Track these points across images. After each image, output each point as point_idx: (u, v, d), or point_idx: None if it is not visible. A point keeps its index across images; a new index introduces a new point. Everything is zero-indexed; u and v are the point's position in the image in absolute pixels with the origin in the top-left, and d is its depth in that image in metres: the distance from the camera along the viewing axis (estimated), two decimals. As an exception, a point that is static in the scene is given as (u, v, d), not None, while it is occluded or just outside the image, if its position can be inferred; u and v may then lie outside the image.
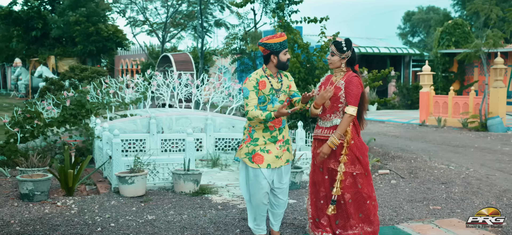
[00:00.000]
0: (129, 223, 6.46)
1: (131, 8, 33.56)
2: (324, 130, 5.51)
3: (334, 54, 5.52)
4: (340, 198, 5.44)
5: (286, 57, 5.58)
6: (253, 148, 5.57)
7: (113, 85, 14.08)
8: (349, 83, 5.42)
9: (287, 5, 12.61)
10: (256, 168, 5.54)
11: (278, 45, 5.53)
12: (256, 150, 5.55)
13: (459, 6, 52.90)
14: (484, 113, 17.97)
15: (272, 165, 5.53)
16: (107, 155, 8.86)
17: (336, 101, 5.42)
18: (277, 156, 5.56)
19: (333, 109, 5.46)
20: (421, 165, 10.53)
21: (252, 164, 5.55)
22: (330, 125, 5.47)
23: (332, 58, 5.53)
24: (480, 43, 18.94)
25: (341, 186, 5.40)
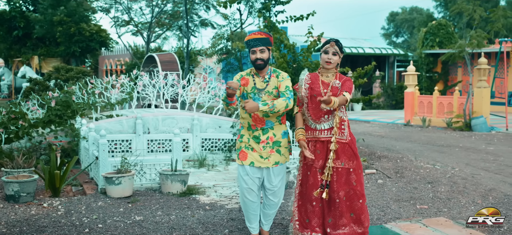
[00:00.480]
0: (117, 224, 6.43)
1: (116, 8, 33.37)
2: (324, 131, 5.52)
3: (336, 54, 5.52)
4: (334, 195, 5.47)
5: (254, 56, 5.49)
6: (239, 145, 5.64)
7: (98, 85, 14.00)
8: (346, 81, 5.57)
9: (273, 5, 12.60)
10: (240, 164, 5.57)
11: (245, 43, 5.59)
12: (242, 147, 5.60)
13: (442, 7, 53.27)
14: (468, 113, 18.10)
15: (255, 163, 5.52)
16: (94, 156, 8.80)
17: None
18: (262, 156, 5.53)
19: (332, 110, 5.50)
20: (407, 164, 10.59)
21: (238, 160, 5.61)
22: (330, 126, 5.51)
23: (334, 58, 5.53)
24: (464, 43, 19.07)
25: (337, 184, 5.44)
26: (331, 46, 5.53)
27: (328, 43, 5.55)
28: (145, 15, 34.01)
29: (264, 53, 5.49)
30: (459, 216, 6.90)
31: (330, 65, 5.54)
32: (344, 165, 5.50)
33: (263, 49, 5.48)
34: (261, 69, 5.54)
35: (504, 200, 7.73)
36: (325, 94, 5.50)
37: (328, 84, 5.56)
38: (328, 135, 5.51)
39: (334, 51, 5.52)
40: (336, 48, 5.52)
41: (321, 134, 5.54)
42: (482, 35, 18.79)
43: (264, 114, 5.48)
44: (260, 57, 5.48)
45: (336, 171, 5.50)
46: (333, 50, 5.53)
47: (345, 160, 5.52)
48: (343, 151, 5.53)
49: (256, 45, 5.47)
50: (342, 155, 5.52)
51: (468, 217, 6.78)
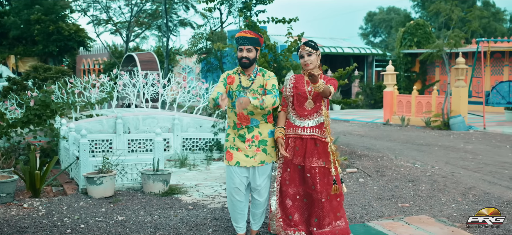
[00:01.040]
0: (99, 224, 6.38)
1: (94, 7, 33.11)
2: (307, 129, 5.54)
3: (311, 54, 5.55)
4: (319, 196, 5.49)
5: (241, 54, 5.52)
6: (226, 145, 5.66)
7: (78, 85, 13.89)
8: (329, 78, 5.63)
9: (254, 5, 12.58)
10: (227, 164, 5.58)
11: (235, 40, 5.63)
12: (227, 147, 5.61)
13: (419, 7, 53.74)
14: (446, 113, 18.28)
15: (241, 163, 5.53)
16: (74, 156, 8.73)
17: (319, 100, 5.57)
18: (247, 155, 5.54)
19: (317, 108, 5.57)
20: (387, 163, 10.65)
21: (225, 160, 5.63)
22: (315, 124, 5.55)
23: (310, 58, 5.56)
24: (442, 43, 19.25)
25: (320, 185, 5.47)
26: (302, 49, 5.59)
27: (299, 48, 5.61)
28: (124, 14, 33.84)
29: (250, 53, 5.51)
30: (440, 214, 6.96)
31: (309, 66, 5.58)
32: (326, 164, 5.53)
33: (251, 48, 5.50)
34: (246, 67, 5.56)
35: (484, 198, 7.82)
36: (309, 93, 5.54)
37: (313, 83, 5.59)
38: (311, 132, 5.53)
39: (308, 53, 5.56)
40: (308, 49, 5.56)
41: (304, 131, 5.55)
42: (460, 35, 18.99)
43: (249, 113, 5.48)
44: (246, 56, 5.50)
45: (319, 171, 5.52)
46: (306, 52, 5.57)
47: (326, 160, 5.54)
48: (324, 150, 5.56)
49: (244, 44, 5.49)
50: (322, 154, 5.54)
51: (449, 215, 6.87)
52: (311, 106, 5.57)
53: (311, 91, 5.56)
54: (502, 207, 7.29)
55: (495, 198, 7.77)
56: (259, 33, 5.70)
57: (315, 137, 5.53)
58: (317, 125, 5.56)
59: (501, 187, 8.57)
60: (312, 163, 5.50)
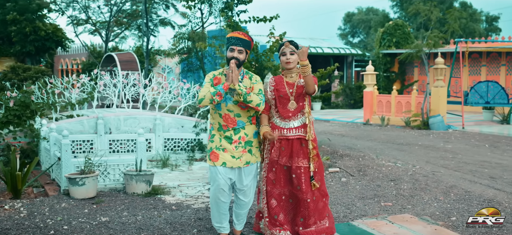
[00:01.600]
0: (83, 225, 6.33)
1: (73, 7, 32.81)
2: (293, 130, 5.56)
3: (293, 53, 5.58)
4: (304, 196, 5.50)
5: (231, 54, 5.48)
6: (210, 146, 5.62)
7: (58, 85, 13.76)
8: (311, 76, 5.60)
9: (236, 5, 12.60)
10: (212, 165, 5.54)
11: (226, 40, 5.58)
12: (213, 148, 5.57)
13: (398, 7, 54.14)
14: (426, 112, 18.44)
15: (227, 164, 5.52)
16: (55, 157, 8.65)
17: (302, 100, 5.59)
18: (234, 156, 5.54)
19: (300, 108, 5.60)
20: (369, 162, 10.71)
21: (210, 161, 5.59)
22: (300, 124, 5.57)
23: (292, 57, 5.59)
24: (421, 44, 19.41)
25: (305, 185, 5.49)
26: (286, 46, 5.61)
27: (282, 45, 5.62)
28: (103, 14, 33.58)
29: (241, 54, 5.51)
30: (423, 213, 7.01)
31: (290, 65, 5.61)
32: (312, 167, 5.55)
33: (242, 50, 5.51)
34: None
35: (465, 196, 7.90)
36: (291, 94, 5.57)
37: (293, 84, 5.61)
38: (297, 133, 5.56)
39: (291, 51, 5.59)
40: (292, 47, 5.60)
41: (289, 132, 5.57)
42: (439, 35, 19.17)
43: (235, 114, 5.48)
44: (237, 57, 5.48)
45: (305, 171, 5.54)
46: (289, 50, 5.60)
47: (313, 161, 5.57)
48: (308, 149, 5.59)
49: (237, 44, 5.49)
50: (308, 154, 5.57)
51: (432, 213, 6.93)
52: (294, 106, 5.59)
53: (293, 92, 5.59)
54: (483, 205, 7.37)
55: (476, 197, 7.85)
56: (251, 38, 5.69)
57: (300, 137, 5.56)
58: (302, 124, 5.59)
59: (481, 186, 8.66)
60: (297, 163, 5.52)
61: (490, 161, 11.34)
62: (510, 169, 10.35)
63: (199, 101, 5.44)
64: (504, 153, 12.62)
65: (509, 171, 10.08)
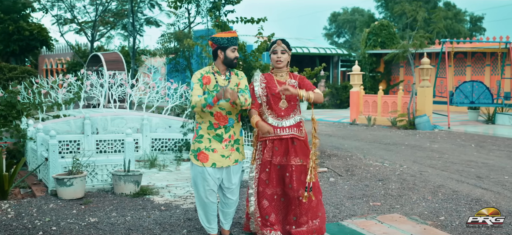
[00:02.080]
0: (71, 226, 6.28)
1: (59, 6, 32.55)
2: (286, 129, 5.56)
3: (285, 52, 5.60)
4: (295, 194, 5.51)
5: (234, 54, 5.50)
6: (198, 146, 5.55)
7: (45, 85, 13.66)
8: (302, 79, 5.74)
9: (223, 5, 12.59)
10: (201, 166, 5.51)
11: (226, 40, 5.50)
12: (201, 148, 5.52)
13: (383, 8, 54.39)
14: (412, 112, 18.54)
15: (217, 164, 5.50)
16: (42, 157, 8.59)
17: (294, 99, 5.60)
18: (223, 155, 5.52)
19: (292, 108, 5.61)
20: (356, 162, 10.74)
21: (197, 162, 5.54)
22: (293, 123, 5.59)
23: (283, 56, 5.62)
24: (408, 44, 19.52)
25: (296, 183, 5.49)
26: (278, 45, 5.62)
27: (274, 43, 5.64)
28: (89, 14, 33.37)
29: (235, 52, 5.56)
30: (411, 212, 7.04)
31: (281, 63, 5.62)
32: (303, 162, 5.57)
33: (236, 48, 5.55)
34: (234, 67, 5.61)
35: (453, 196, 7.94)
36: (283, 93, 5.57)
37: (284, 83, 5.62)
38: (290, 132, 5.57)
39: (282, 50, 5.61)
40: (284, 46, 5.62)
41: (283, 131, 5.57)
42: (425, 35, 19.29)
43: (227, 112, 5.48)
44: (237, 56, 5.55)
45: (295, 169, 5.54)
46: (281, 49, 5.61)
47: (303, 157, 5.59)
48: (301, 148, 5.61)
49: (236, 44, 5.53)
50: (299, 152, 5.59)
51: (420, 213, 6.96)
52: (285, 106, 5.60)
53: None
54: (471, 204, 7.42)
55: (464, 196, 7.90)
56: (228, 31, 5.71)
57: (293, 136, 5.57)
58: (295, 124, 5.61)
59: (468, 185, 8.72)
60: (290, 162, 5.53)
61: (476, 160, 11.43)
62: (496, 168, 10.43)
63: (192, 108, 5.45)
64: (490, 152, 12.72)
65: (495, 171, 10.16)
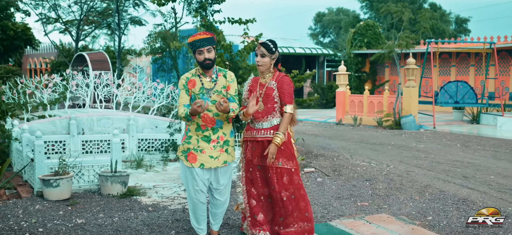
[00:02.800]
0: (58, 227, 6.23)
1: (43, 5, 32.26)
2: (262, 131, 5.53)
3: (264, 56, 5.52)
4: (278, 196, 5.49)
5: (202, 57, 5.41)
6: (187, 147, 5.53)
7: (30, 85, 13.54)
8: (281, 83, 5.56)
9: (210, 5, 12.56)
10: (190, 167, 5.48)
11: (191, 44, 5.47)
12: (190, 149, 5.50)
13: (368, 8, 54.56)
14: (398, 112, 18.61)
15: (206, 165, 5.47)
16: (28, 158, 8.51)
17: (271, 101, 5.51)
18: (212, 156, 5.49)
19: (270, 110, 5.54)
20: (344, 162, 10.76)
21: (187, 162, 5.51)
22: (269, 126, 5.53)
23: (263, 60, 5.52)
24: (393, 44, 19.60)
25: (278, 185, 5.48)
26: (257, 49, 5.57)
27: (255, 47, 5.62)
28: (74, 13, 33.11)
29: (211, 53, 5.45)
30: (399, 212, 7.06)
31: (260, 67, 5.57)
32: (282, 164, 5.51)
33: (210, 48, 5.45)
34: (209, 68, 5.50)
35: (440, 196, 7.98)
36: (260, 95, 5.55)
37: (263, 85, 5.59)
38: (265, 134, 5.51)
39: (261, 53, 5.54)
40: (263, 49, 5.53)
41: (258, 133, 5.54)
42: (410, 36, 19.37)
43: (214, 114, 5.44)
44: (208, 57, 5.43)
45: (276, 171, 5.51)
46: (260, 52, 5.54)
47: (283, 160, 5.52)
48: (280, 151, 5.53)
49: (203, 45, 5.40)
50: (279, 155, 5.52)
51: (408, 213, 6.99)
52: (261, 108, 5.55)
53: (262, 93, 5.57)
54: (458, 204, 7.46)
55: (451, 196, 7.94)
56: (212, 31, 5.66)
57: (268, 139, 5.51)
58: (271, 126, 5.53)
59: (455, 185, 8.76)
60: (270, 164, 5.50)
61: (462, 160, 11.49)
62: (482, 168, 10.50)
63: (179, 118, 5.45)
64: (475, 152, 12.80)
65: (481, 170, 10.23)
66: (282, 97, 5.52)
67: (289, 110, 5.48)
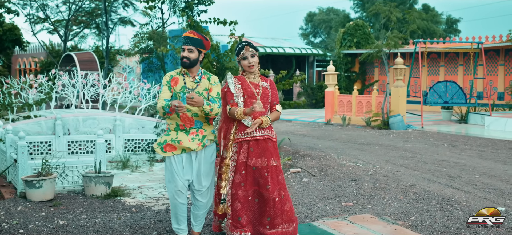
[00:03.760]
0: (39, 229, 6.19)
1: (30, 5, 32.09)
2: (261, 130, 5.54)
3: (254, 56, 5.59)
4: (270, 195, 5.48)
5: (182, 54, 5.50)
6: (165, 138, 5.52)
7: (15, 85, 13.47)
8: (273, 84, 5.78)
9: (196, 5, 12.55)
10: (170, 155, 5.46)
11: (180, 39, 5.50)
12: (168, 140, 5.48)
13: (359, 8, 54.69)
14: (386, 112, 18.65)
15: (186, 150, 5.46)
16: (11, 159, 8.46)
17: (266, 101, 5.68)
18: (190, 147, 5.46)
19: (266, 109, 5.61)
20: (330, 162, 10.76)
21: (165, 153, 5.49)
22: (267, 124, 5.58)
23: (254, 60, 5.60)
24: (381, 44, 19.64)
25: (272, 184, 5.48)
26: (246, 50, 5.61)
27: (242, 50, 5.61)
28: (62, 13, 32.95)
29: (192, 53, 5.47)
30: (383, 212, 7.07)
31: (253, 68, 5.61)
32: (276, 163, 5.56)
33: (192, 49, 5.46)
34: (185, 67, 5.53)
35: (424, 196, 7.99)
36: (257, 94, 5.58)
37: (257, 85, 5.63)
38: (265, 133, 5.55)
39: (252, 54, 5.60)
40: (252, 50, 5.61)
41: (258, 132, 5.54)
42: (398, 36, 19.42)
43: (193, 114, 5.43)
44: (187, 56, 5.47)
45: (271, 170, 5.52)
46: (250, 53, 5.60)
47: (276, 159, 5.59)
48: (274, 149, 5.60)
49: (186, 43, 5.47)
50: (274, 153, 5.57)
51: (391, 213, 6.99)
52: (260, 106, 5.55)
53: (259, 92, 5.60)
54: (442, 204, 7.47)
55: (435, 196, 7.95)
56: (204, 36, 5.62)
57: (269, 137, 5.55)
58: (269, 125, 5.60)
59: (440, 185, 8.78)
60: (266, 163, 5.50)
61: (449, 160, 11.52)
62: (467, 168, 10.53)
63: (157, 112, 5.44)
64: (462, 152, 12.84)
65: (466, 170, 10.25)
66: (274, 97, 5.74)
67: (280, 109, 5.75)
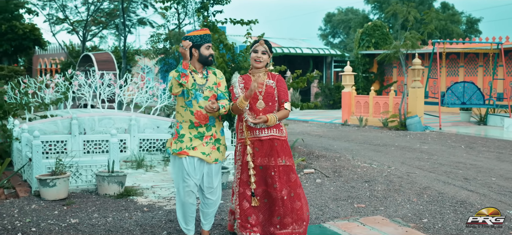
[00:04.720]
0: (51, 227, 6.24)
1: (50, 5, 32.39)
2: (265, 130, 5.52)
3: (265, 53, 5.57)
4: (278, 194, 5.47)
5: (208, 52, 5.51)
6: (180, 146, 5.52)
7: (32, 85, 13.59)
8: (280, 81, 5.70)
9: (212, 5, 12.56)
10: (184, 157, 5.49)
11: (198, 38, 5.50)
12: (183, 148, 5.49)
13: (377, 9, 54.40)
14: (403, 113, 18.53)
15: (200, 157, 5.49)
16: (27, 157, 8.53)
17: (272, 100, 5.58)
18: (204, 153, 5.49)
19: (271, 108, 5.59)
20: (344, 163, 10.72)
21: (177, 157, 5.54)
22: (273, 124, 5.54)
23: (263, 57, 5.58)
24: (399, 44, 19.51)
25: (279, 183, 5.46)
26: (260, 44, 5.59)
27: (257, 42, 5.60)
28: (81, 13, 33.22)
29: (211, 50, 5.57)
30: (395, 214, 7.01)
31: (259, 63, 5.59)
32: (285, 162, 5.54)
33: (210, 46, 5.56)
34: (210, 65, 5.60)
35: (438, 198, 7.92)
36: (260, 93, 5.54)
37: (261, 84, 5.59)
38: (269, 133, 5.52)
39: (263, 50, 5.58)
40: (265, 47, 5.59)
41: (262, 132, 5.53)
42: (416, 36, 19.28)
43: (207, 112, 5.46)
44: (212, 54, 5.55)
45: (278, 170, 5.51)
46: (262, 49, 5.58)
47: (286, 158, 5.57)
48: (282, 148, 5.57)
49: (209, 41, 5.54)
50: (281, 152, 5.55)
51: (404, 215, 6.94)
52: (262, 106, 5.55)
53: (262, 92, 5.57)
54: (455, 206, 7.40)
55: (449, 198, 7.88)
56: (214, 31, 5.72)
57: (273, 137, 5.52)
58: (274, 125, 5.55)
59: (455, 187, 8.70)
60: (272, 162, 5.50)
61: (465, 162, 11.41)
62: (484, 170, 10.42)
63: (170, 90, 5.45)
64: (479, 154, 12.71)
65: (483, 172, 10.15)
66: (282, 95, 5.64)
67: (288, 108, 5.63)
